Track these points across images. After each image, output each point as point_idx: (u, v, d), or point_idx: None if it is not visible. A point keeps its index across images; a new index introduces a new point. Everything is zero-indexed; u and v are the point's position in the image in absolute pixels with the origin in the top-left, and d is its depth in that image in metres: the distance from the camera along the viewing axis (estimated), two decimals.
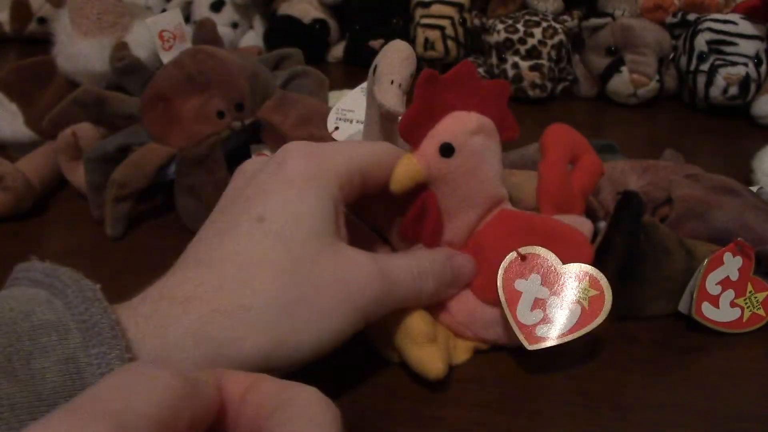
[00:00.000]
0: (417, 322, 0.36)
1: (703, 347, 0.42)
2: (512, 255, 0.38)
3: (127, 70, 0.56)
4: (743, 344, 0.43)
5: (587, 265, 0.39)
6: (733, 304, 0.43)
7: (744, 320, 0.43)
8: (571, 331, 0.37)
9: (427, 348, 0.36)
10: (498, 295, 0.37)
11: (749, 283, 0.43)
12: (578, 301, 0.37)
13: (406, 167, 0.37)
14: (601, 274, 0.38)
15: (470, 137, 0.38)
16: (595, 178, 0.44)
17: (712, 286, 0.42)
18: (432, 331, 0.37)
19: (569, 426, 0.36)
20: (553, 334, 0.37)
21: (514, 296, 0.37)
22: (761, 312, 0.43)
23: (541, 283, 0.38)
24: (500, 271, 0.38)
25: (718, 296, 0.43)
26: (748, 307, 0.43)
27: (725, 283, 0.43)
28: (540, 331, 0.37)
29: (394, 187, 0.38)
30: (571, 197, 0.42)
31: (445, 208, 0.39)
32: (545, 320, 0.37)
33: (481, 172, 0.38)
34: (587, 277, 0.38)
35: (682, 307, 0.43)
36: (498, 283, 0.37)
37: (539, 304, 0.37)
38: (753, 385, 0.39)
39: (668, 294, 0.43)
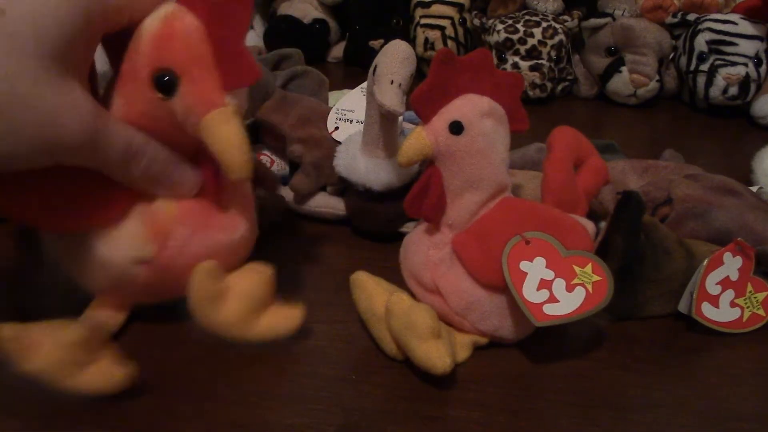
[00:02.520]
0: (423, 318, 0.36)
1: (703, 347, 0.42)
2: (517, 238, 0.38)
3: None
4: (743, 344, 0.43)
5: (589, 253, 0.39)
6: (733, 304, 0.43)
7: (744, 320, 0.43)
8: (577, 311, 0.37)
9: (433, 343, 0.36)
10: (498, 278, 0.38)
11: (749, 283, 0.43)
12: (582, 285, 0.38)
13: (415, 140, 0.38)
14: (603, 262, 0.39)
15: (480, 119, 0.39)
16: (601, 181, 0.44)
17: (712, 286, 0.42)
18: (437, 325, 0.37)
19: (569, 426, 0.36)
20: (560, 312, 0.37)
21: (520, 276, 0.38)
22: (761, 312, 0.44)
23: (546, 266, 0.38)
24: (505, 252, 0.38)
25: (718, 296, 0.43)
26: (748, 307, 0.43)
27: (725, 283, 0.43)
28: (547, 309, 0.37)
29: (402, 159, 0.39)
30: (576, 196, 0.42)
31: (450, 186, 0.39)
32: (552, 299, 0.37)
33: (488, 155, 0.39)
34: (590, 263, 0.39)
35: (682, 307, 0.43)
36: (503, 264, 0.38)
37: (545, 284, 0.38)
38: (753, 385, 0.39)
39: (668, 294, 0.44)
